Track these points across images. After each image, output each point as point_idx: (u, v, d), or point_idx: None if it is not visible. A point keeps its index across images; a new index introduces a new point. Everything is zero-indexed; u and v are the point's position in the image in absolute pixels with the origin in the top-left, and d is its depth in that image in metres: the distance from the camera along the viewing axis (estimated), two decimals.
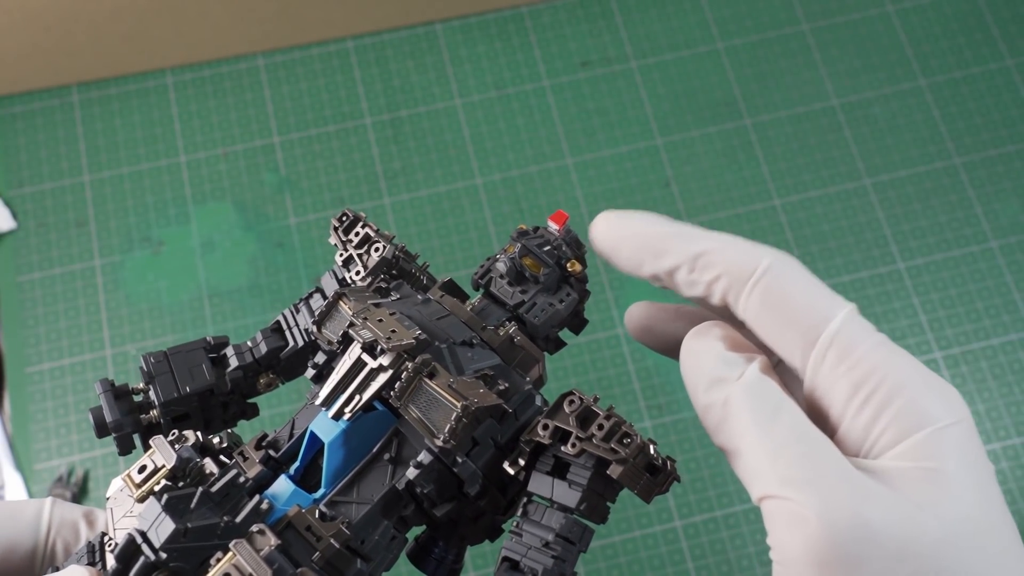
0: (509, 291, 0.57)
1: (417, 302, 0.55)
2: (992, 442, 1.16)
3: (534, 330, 0.57)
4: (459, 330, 0.53)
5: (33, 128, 1.33)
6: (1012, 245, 1.25)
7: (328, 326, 0.53)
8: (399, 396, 0.47)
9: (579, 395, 0.49)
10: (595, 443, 0.48)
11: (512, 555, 0.49)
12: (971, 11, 1.37)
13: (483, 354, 0.52)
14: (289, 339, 0.60)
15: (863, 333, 0.45)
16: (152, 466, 0.47)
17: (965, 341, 1.21)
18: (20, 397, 1.20)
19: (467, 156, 1.31)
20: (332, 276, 0.61)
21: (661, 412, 1.18)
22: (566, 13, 1.38)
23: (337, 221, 0.60)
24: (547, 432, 0.49)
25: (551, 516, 0.49)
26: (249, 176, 1.30)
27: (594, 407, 0.49)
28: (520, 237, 0.58)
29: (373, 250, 0.58)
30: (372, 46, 1.37)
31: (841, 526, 0.39)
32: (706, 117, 1.33)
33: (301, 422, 0.53)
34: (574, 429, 0.48)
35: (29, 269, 1.26)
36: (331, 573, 0.47)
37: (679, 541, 1.13)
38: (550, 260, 0.58)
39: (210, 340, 0.60)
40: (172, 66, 1.36)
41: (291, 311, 0.61)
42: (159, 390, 0.57)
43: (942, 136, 1.31)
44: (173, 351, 0.58)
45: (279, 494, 0.50)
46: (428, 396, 0.47)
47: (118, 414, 0.57)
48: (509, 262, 0.57)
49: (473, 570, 1.12)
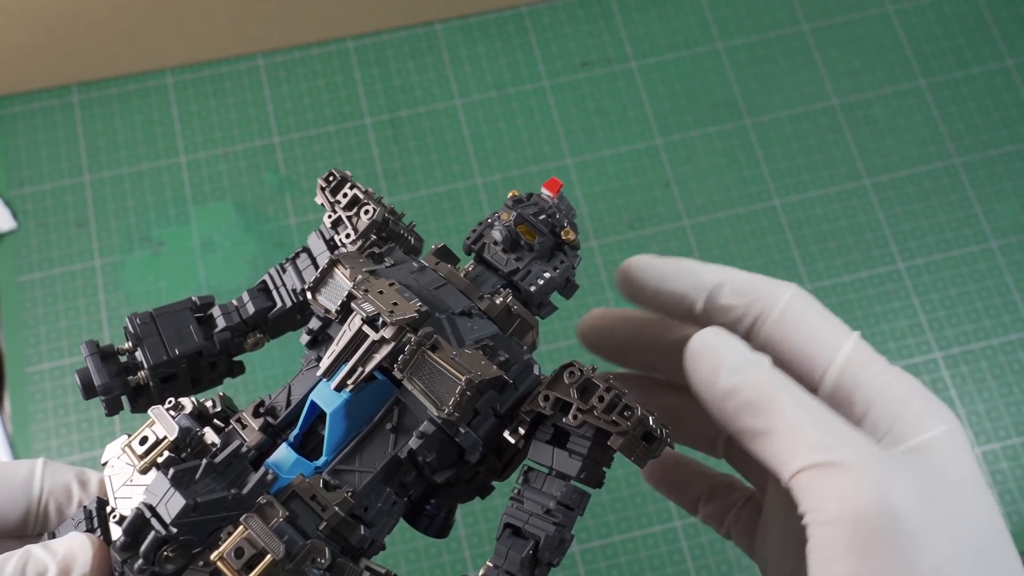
0: (503, 258, 0.58)
1: (413, 269, 0.55)
2: (992, 442, 1.16)
3: (528, 297, 0.57)
4: (457, 299, 0.53)
5: (33, 128, 1.33)
6: (1012, 245, 1.25)
7: (323, 293, 0.53)
8: (402, 368, 0.48)
9: (579, 366, 0.50)
10: (596, 415, 0.48)
11: (515, 521, 0.50)
12: (971, 11, 1.37)
13: (481, 324, 0.53)
14: (276, 299, 0.60)
15: (871, 354, 0.52)
16: (154, 437, 0.47)
17: (965, 341, 1.21)
18: (20, 397, 1.20)
19: (467, 156, 1.31)
20: (319, 236, 0.60)
21: None
22: (566, 13, 1.38)
23: (324, 181, 0.59)
24: (548, 403, 0.50)
25: (551, 484, 0.50)
26: (249, 176, 1.30)
27: (594, 378, 0.50)
28: (515, 205, 0.59)
29: (363, 212, 0.58)
30: (372, 46, 1.37)
31: (884, 491, 0.43)
32: (706, 117, 1.33)
33: (298, 388, 0.53)
34: (575, 401, 0.49)
35: (29, 269, 1.26)
36: (336, 541, 0.48)
37: (679, 541, 1.13)
38: (545, 228, 0.58)
39: (196, 300, 0.59)
40: (172, 66, 1.36)
41: (277, 270, 0.60)
42: (147, 353, 0.56)
43: (942, 136, 1.31)
44: (159, 312, 0.57)
45: (280, 462, 0.50)
46: (431, 368, 0.48)
47: (106, 376, 0.56)
48: (504, 230, 0.57)
49: (473, 570, 1.12)
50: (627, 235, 1.26)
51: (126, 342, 0.58)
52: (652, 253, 0.61)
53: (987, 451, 1.16)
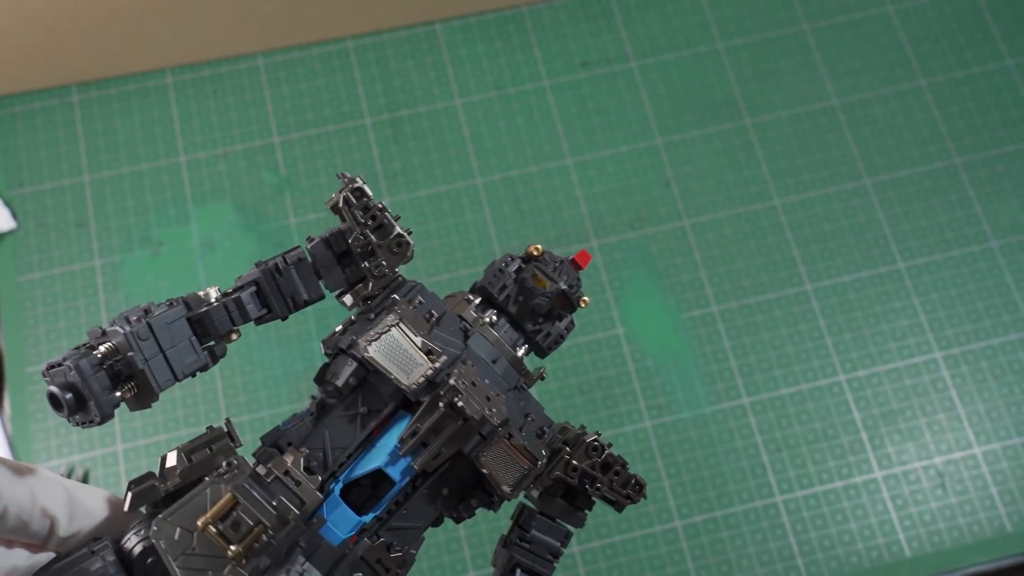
0: (528, 317, 0.63)
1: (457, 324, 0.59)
2: (992, 442, 1.16)
3: (539, 352, 0.64)
4: (510, 375, 0.60)
5: (33, 128, 1.33)
6: (1012, 245, 1.25)
7: (377, 347, 0.55)
8: (482, 451, 0.55)
9: (599, 441, 0.60)
10: (615, 488, 0.60)
11: (524, 563, 0.59)
12: (971, 11, 1.37)
13: (525, 395, 0.61)
14: (273, 307, 0.58)
15: None
16: (247, 522, 0.48)
17: (965, 341, 1.21)
18: (20, 397, 1.20)
19: (467, 156, 1.31)
20: (327, 247, 0.59)
21: (661, 412, 1.18)
22: (566, 13, 1.38)
23: (352, 196, 0.58)
24: (576, 475, 0.60)
25: (554, 531, 0.60)
26: (249, 176, 1.30)
27: (612, 456, 0.60)
28: (551, 271, 0.63)
29: (394, 245, 0.58)
30: (372, 46, 1.37)
31: None
32: (706, 117, 1.33)
33: (339, 440, 0.56)
34: (598, 475, 0.60)
35: (29, 269, 1.26)
36: None
37: (679, 541, 1.13)
38: (577, 304, 0.65)
39: (188, 304, 0.56)
40: (172, 66, 1.36)
41: (273, 272, 0.58)
42: (156, 378, 0.53)
43: (942, 136, 1.31)
44: (156, 323, 0.54)
45: (338, 519, 0.54)
46: (503, 453, 0.55)
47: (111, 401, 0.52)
48: (548, 303, 0.63)
49: (473, 570, 1.12)
50: (627, 235, 1.26)
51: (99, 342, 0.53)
52: (652, 253, 0.62)
53: (987, 451, 1.16)
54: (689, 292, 1.23)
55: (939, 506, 1.14)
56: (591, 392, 1.19)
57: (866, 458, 1.16)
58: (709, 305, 1.23)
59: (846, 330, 1.22)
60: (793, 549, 1.12)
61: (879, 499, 1.14)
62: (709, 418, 1.18)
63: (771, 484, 1.15)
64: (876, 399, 1.18)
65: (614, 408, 1.18)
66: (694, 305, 1.23)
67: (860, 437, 1.17)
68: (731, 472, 1.15)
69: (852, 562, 1.12)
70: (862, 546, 1.12)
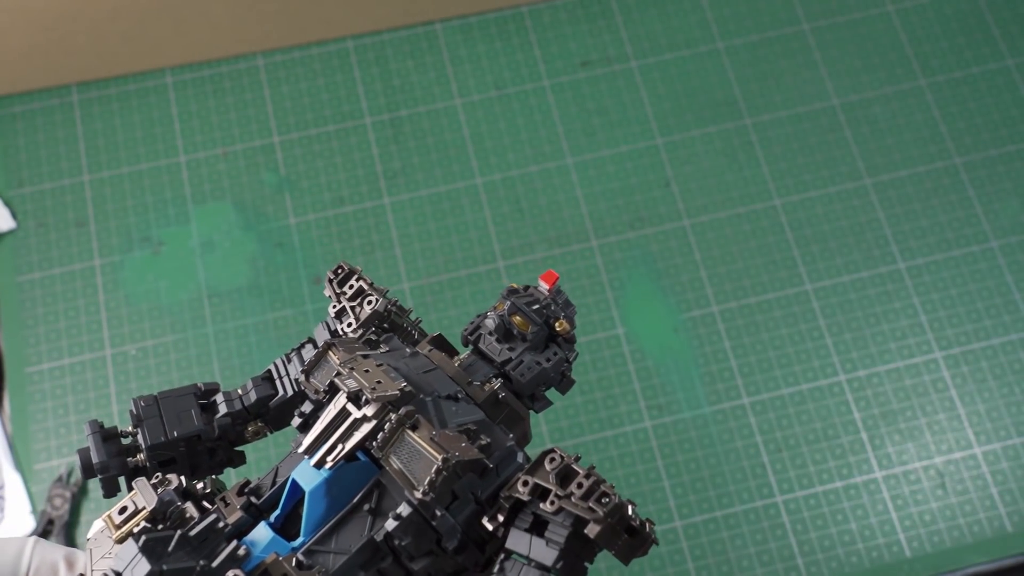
0: (497, 348, 0.58)
1: (405, 355, 0.56)
2: (992, 442, 1.16)
3: (520, 387, 0.58)
4: (445, 384, 0.54)
5: (33, 128, 1.33)
6: (1012, 245, 1.25)
7: (316, 375, 0.54)
8: (381, 446, 0.48)
9: (560, 453, 0.50)
10: (574, 501, 0.48)
11: None
12: (971, 11, 1.37)
13: (467, 409, 0.53)
14: (280, 388, 0.60)
15: None
16: (133, 507, 0.48)
17: (965, 341, 1.21)
18: (20, 397, 1.20)
19: (467, 156, 1.31)
20: (325, 328, 0.61)
21: (661, 412, 1.18)
22: (566, 13, 1.38)
23: (332, 274, 0.61)
24: (527, 488, 0.49)
25: (528, 573, 0.49)
26: (249, 176, 1.30)
27: (574, 465, 0.49)
28: (510, 295, 0.59)
29: (366, 303, 0.59)
30: (372, 46, 1.37)
31: None
32: (706, 117, 1.33)
33: (284, 470, 0.54)
34: (553, 487, 0.48)
35: (29, 269, 1.26)
36: None
37: (679, 541, 1.13)
38: (538, 319, 0.58)
39: (200, 386, 0.60)
40: (172, 66, 1.36)
41: (283, 361, 0.62)
42: (146, 433, 0.57)
43: (942, 136, 1.31)
44: (163, 395, 0.58)
45: (258, 540, 0.50)
46: (410, 448, 0.48)
47: (104, 455, 0.57)
48: (498, 319, 0.58)
49: None
50: (627, 235, 1.26)
51: (131, 425, 0.59)
52: (652, 253, 0.61)
53: (987, 451, 1.16)
54: (689, 292, 1.23)
55: (939, 506, 1.14)
56: (591, 392, 1.19)
57: (866, 458, 1.16)
58: (709, 305, 1.23)
59: (846, 330, 1.22)
60: (793, 549, 1.12)
61: (879, 499, 1.14)
62: (709, 418, 1.18)
63: (771, 484, 1.15)
64: (876, 399, 1.18)
65: (614, 408, 1.18)
66: (694, 305, 1.23)
67: (860, 437, 1.17)
68: (731, 472, 1.15)
69: (852, 562, 1.12)
70: (862, 546, 1.12)
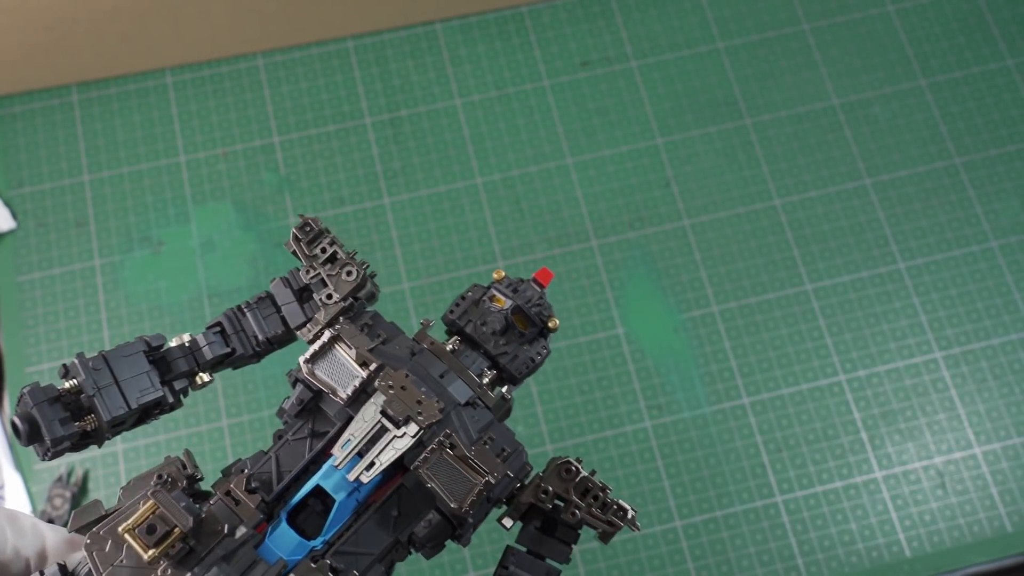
0: (489, 339, 0.61)
1: (410, 347, 0.58)
2: (992, 442, 1.16)
3: (512, 378, 0.62)
4: (460, 388, 0.57)
5: (33, 128, 1.33)
6: (1012, 245, 1.25)
7: (322, 367, 0.55)
8: (421, 466, 0.52)
9: (576, 465, 0.57)
10: (594, 513, 0.56)
11: None
12: (971, 11, 1.37)
13: (482, 414, 0.58)
14: (235, 346, 0.60)
15: None
16: (162, 527, 0.48)
17: (965, 341, 1.21)
18: None
19: (467, 156, 1.31)
20: (285, 284, 0.61)
21: (661, 412, 1.18)
22: (566, 13, 1.38)
23: (300, 232, 0.60)
24: (547, 497, 0.56)
25: (535, 567, 0.57)
26: (249, 176, 1.30)
27: (591, 480, 0.56)
28: (507, 289, 0.62)
29: (345, 273, 0.58)
30: (372, 46, 1.37)
31: None
32: (706, 117, 1.33)
33: (287, 461, 0.55)
34: (574, 500, 0.56)
35: (29, 269, 1.26)
36: None
37: (679, 541, 1.13)
38: (538, 321, 0.62)
39: (148, 341, 0.58)
40: (172, 66, 1.36)
41: (235, 313, 0.61)
42: (106, 404, 0.54)
43: (942, 136, 1.31)
44: (112, 356, 0.56)
45: (281, 543, 0.53)
46: (448, 467, 0.52)
47: (59, 430, 0.53)
48: (503, 319, 0.61)
49: (473, 570, 1.12)
50: (627, 235, 1.26)
51: (65, 380, 0.55)
52: (652, 253, 0.62)
53: (987, 451, 1.16)
54: (689, 292, 1.23)
55: (939, 506, 1.14)
56: (591, 392, 1.19)
57: (866, 458, 1.16)
58: (709, 305, 1.23)
59: (846, 330, 1.22)
60: (793, 549, 1.12)
61: (879, 499, 1.14)
62: (709, 418, 1.18)
63: (771, 484, 1.15)
64: (876, 399, 1.18)
65: (614, 408, 1.18)
66: (694, 305, 1.23)
67: (860, 437, 1.17)
68: (731, 472, 1.15)
69: (852, 562, 1.12)
70: (862, 546, 1.12)
